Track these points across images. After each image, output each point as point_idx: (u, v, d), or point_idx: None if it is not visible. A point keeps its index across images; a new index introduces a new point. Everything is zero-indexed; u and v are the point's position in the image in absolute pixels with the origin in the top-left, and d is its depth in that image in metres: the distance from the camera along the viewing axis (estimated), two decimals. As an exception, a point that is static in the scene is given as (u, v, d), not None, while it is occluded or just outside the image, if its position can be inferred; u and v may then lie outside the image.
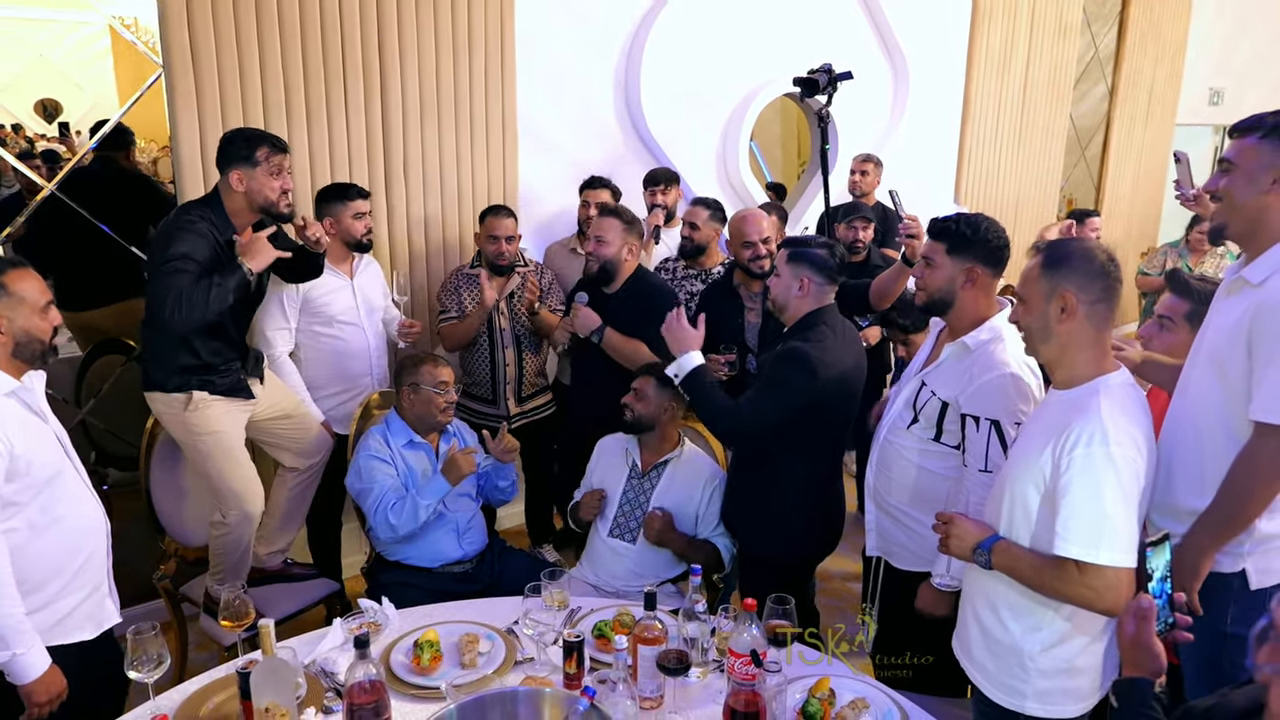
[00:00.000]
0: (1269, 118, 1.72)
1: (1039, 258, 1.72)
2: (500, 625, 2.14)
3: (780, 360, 2.38)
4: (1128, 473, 1.57)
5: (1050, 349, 1.71)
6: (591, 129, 4.16)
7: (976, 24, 5.58)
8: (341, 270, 3.15)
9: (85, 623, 2.05)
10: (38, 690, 1.89)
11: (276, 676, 1.66)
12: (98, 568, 2.09)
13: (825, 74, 3.58)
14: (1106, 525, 1.55)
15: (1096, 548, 1.55)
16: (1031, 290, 1.71)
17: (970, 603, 1.86)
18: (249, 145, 2.53)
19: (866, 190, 4.60)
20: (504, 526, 4.07)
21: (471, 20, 3.60)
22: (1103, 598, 1.57)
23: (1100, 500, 1.56)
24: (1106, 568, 1.55)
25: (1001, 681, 1.78)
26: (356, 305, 3.15)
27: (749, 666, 1.72)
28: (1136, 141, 7.09)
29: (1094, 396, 1.62)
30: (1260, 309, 1.68)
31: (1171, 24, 6.99)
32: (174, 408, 2.62)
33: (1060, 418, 1.64)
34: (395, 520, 2.61)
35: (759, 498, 2.53)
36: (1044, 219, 6.35)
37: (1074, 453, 1.58)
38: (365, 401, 3.06)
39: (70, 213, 3.10)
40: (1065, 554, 1.58)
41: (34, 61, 3.18)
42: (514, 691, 1.76)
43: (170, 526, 2.85)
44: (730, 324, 3.17)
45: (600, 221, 3.11)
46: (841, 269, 2.48)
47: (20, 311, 1.90)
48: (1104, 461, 1.56)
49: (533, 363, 3.53)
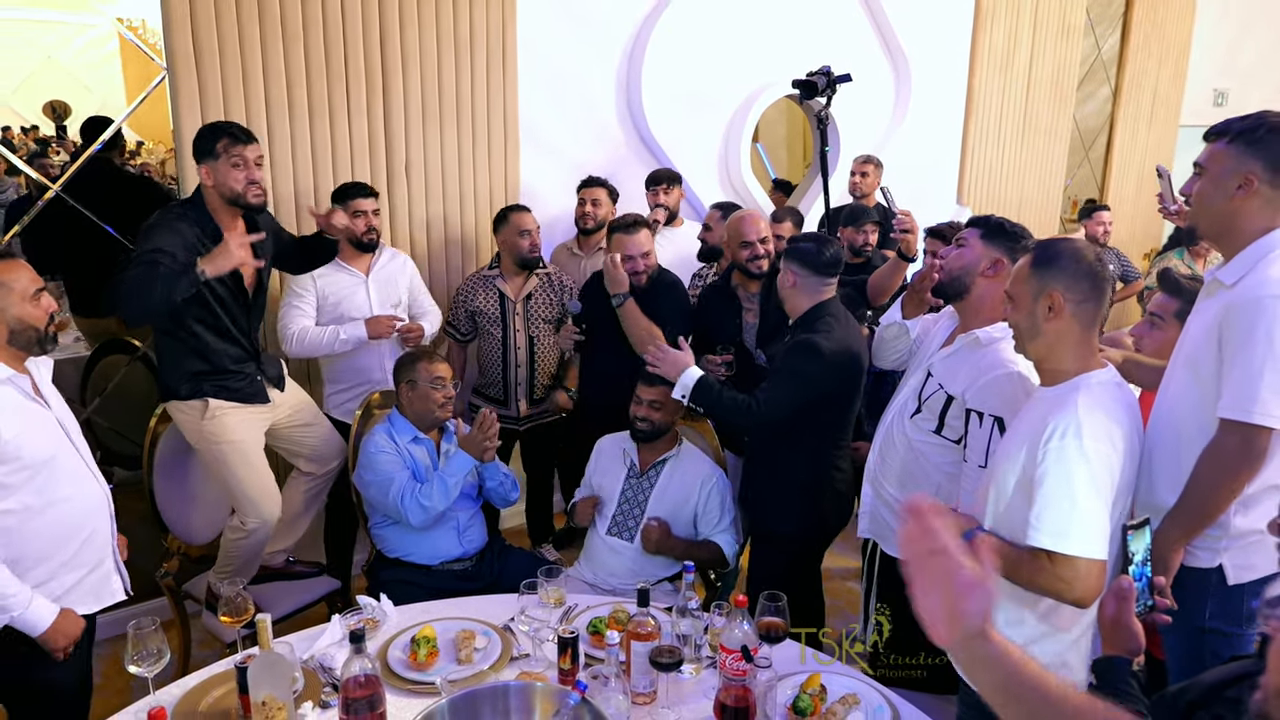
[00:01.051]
0: (1237, 122, 1.74)
1: (1029, 256, 1.74)
2: (497, 622, 2.16)
3: (791, 352, 2.47)
4: (1100, 466, 1.59)
5: (1037, 347, 1.73)
6: (593, 131, 4.18)
7: (979, 25, 5.57)
8: (356, 268, 3.18)
9: (87, 597, 2.10)
10: (54, 637, 1.98)
11: (273, 670, 1.68)
12: (101, 546, 2.13)
13: (824, 76, 3.59)
14: (1077, 516, 1.58)
15: (1067, 538, 1.57)
16: (1020, 289, 1.73)
17: None
18: (211, 138, 2.54)
19: (867, 191, 4.61)
20: (505, 526, 4.09)
21: (473, 22, 3.62)
22: (1072, 588, 1.59)
23: (1072, 492, 1.58)
24: (1077, 558, 1.57)
25: None
26: (370, 303, 3.17)
27: (740, 662, 1.74)
28: (1140, 143, 7.07)
29: (1074, 393, 1.65)
30: (1230, 309, 1.71)
31: (1175, 25, 6.97)
32: (191, 416, 2.64)
33: (1041, 414, 1.67)
34: (427, 501, 2.62)
35: (770, 478, 2.62)
36: (1048, 220, 6.35)
37: (1048, 445, 1.60)
38: (366, 401, 3.09)
39: (74, 215, 3.13)
40: (1037, 544, 1.60)
41: (43, 63, 3.22)
42: (506, 686, 1.78)
43: (173, 525, 2.88)
44: (728, 325, 3.20)
45: (637, 238, 3.12)
46: (834, 264, 2.52)
47: (11, 300, 1.94)
48: (1076, 454, 1.58)
49: (546, 365, 3.55)
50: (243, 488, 2.70)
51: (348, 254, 3.17)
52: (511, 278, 3.44)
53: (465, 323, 3.48)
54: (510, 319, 3.42)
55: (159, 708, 1.63)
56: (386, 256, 3.29)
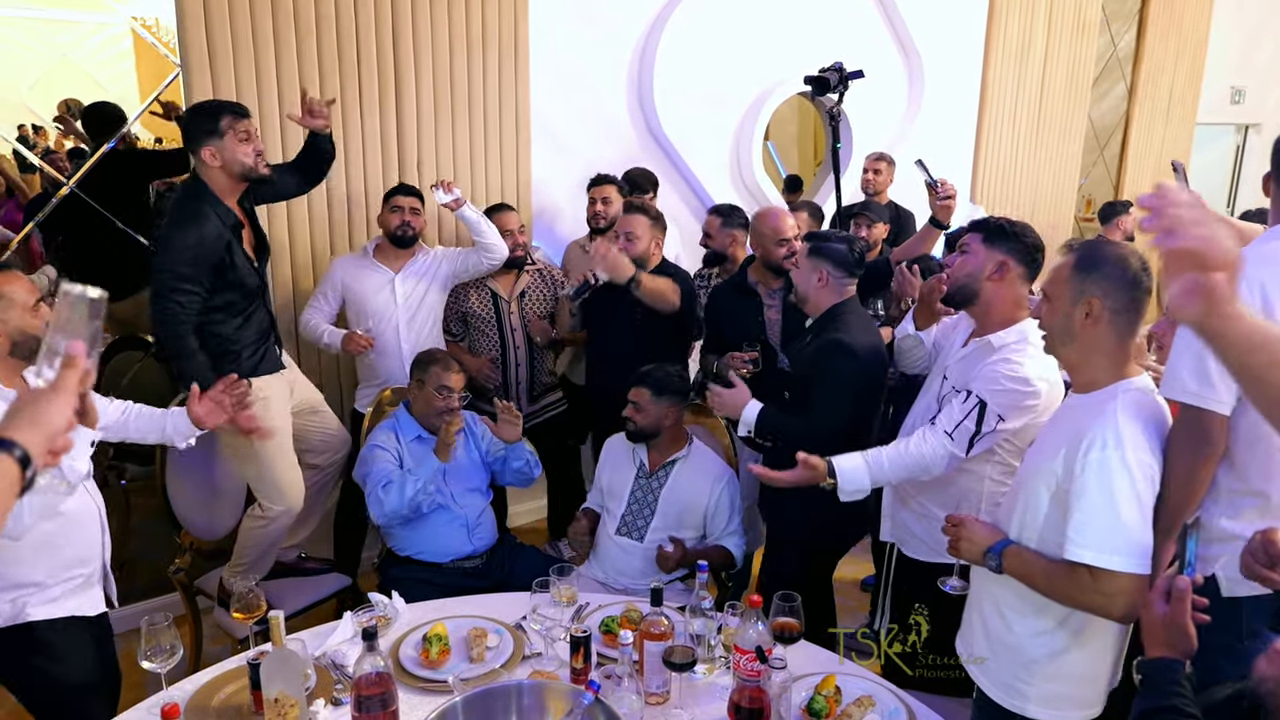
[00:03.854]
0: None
1: (1071, 258, 1.68)
2: (509, 620, 2.15)
3: (823, 357, 2.44)
4: (1143, 478, 1.54)
5: (1071, 352, 1.69)
6: (604, 128, 4.17)
7: (993, 21, 5.53)
8: (388, 266, 3.19)
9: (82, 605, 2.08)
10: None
11: (286, 667, 1.68)
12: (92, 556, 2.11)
13: (836, 73, 3.58)
14: (1120, 530, 1.53)
15: (1110, 553, 1.52)
16: (1058, 290, 1.67)
17: (977, 604, 1.86)
18: (212, 118, 2.53)
19: (880, 189, 4.58)
20: (515, 524, 4.09)
21: (485, 19, 3.61)
22: (1115, 604, 1.54)
23: (1114, 505, 1.53)
24: (1120, 573, 1.52)
25: (1003, 682, 1.77)
26: (395, 301, 3.17)
27: (754, 663, 1.72)
28: (1156, 141, 7.00)
29: (1111, 401, 1.59)
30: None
31: (1192, 22, 6.90)
32: None
33: (1076, 422, 1.62)
34: (384, 497, 2.64)
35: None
36: (1062, 219, 6.30)
37: (1088, 456, 1.55)
38: (378, 398, 3.09)
39: (85, 208, 3.15)
40: (1077, 559, 1.55)
41: (58, 62, 3.23)
42: (519, 685, 1.77)
43: (186, 520, 2.89)
44: (749, 322, 3.15)
45: (628, 219, 3.15)
46: (862, 263, 2.54)
47: (12, 311, 1.94)
48: (1119, 465, 1.53)
49: (544, 361, 3.55)
50: (273, 474, 2.72)
51: (384, 251, 3.20)
52: (501, 276, 3.42)
53: (457, 324, 3.47)
54: (505, 318, 3.41)
55: (172, 704, 1.63)
56: (422, 257, 3.27)
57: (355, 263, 3.21)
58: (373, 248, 3.24)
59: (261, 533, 2.76)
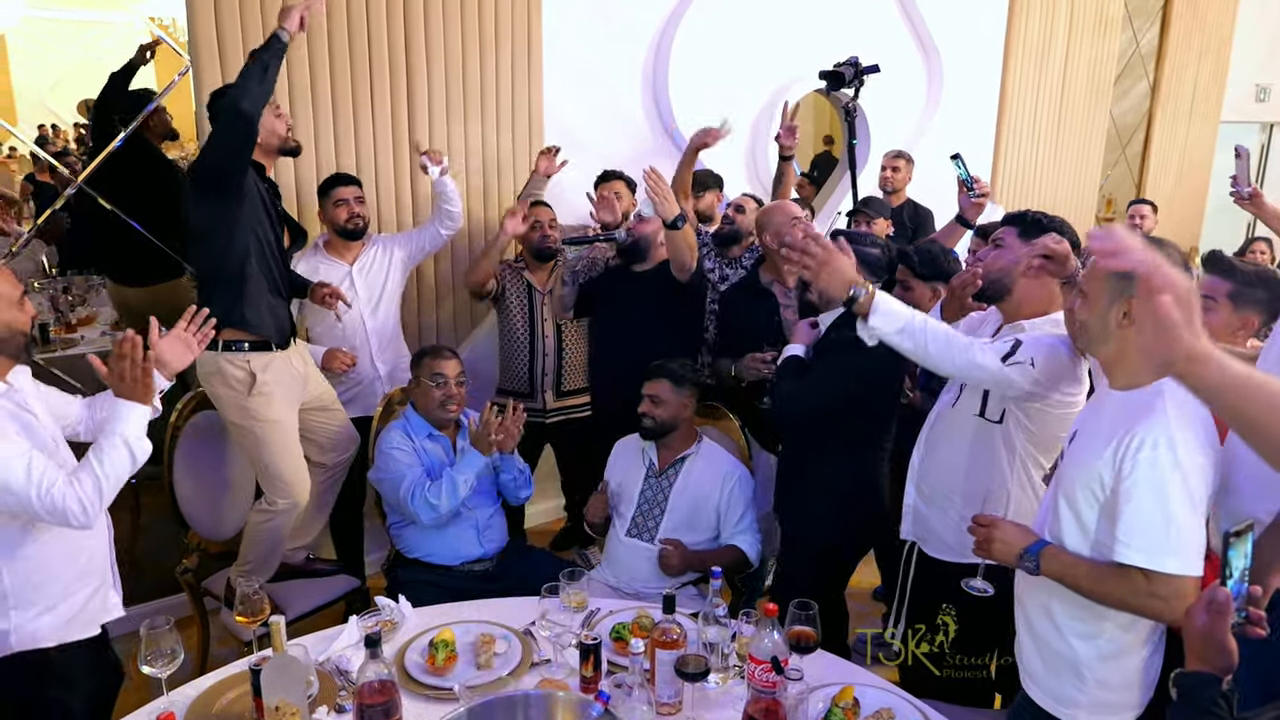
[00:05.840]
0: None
1: None
2: (517, 626, 2.11)
3: (834, 346, 2.41)
4: (1195, 478, 1.49)
5: (1108, 351, 1.62)
6: (619, 125, 4.13)
7: (1013, 17, 5.46)
8: (340, 259, 3.15)
9: (90, 623, 2.01)
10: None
11: (287, 674, 1.64)
12: (101, 565, 2.04)
13: (851, 67, 3.52)
14: (1174, 532, 1.47)
15: (1164, 555, 1.47)
16: (1096, 288, 1.59)
17: (1021, 608, 1.79)
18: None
19: (898, 186, 4.51)
20: (531, 525, 4.05)
21: (499, 16, 3.59)
22: (1172, 607, 1.48)
23: (1167, 506, 1.47)
24: (1175, 576, 1.47)
25: (1054, 690, 1.70)
26: (356, 293, 3.13)
27: (770, 674, 1.67)
28: (1179, 140, 6.89)
29: (1159, 398, 1.52)
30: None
31: (1216, 19, 6.79)
32: (238, 392, 2.64)
33: (1121, 420, 1.55)
34: (435, 500, 2.59)
35: (805, 483, 2.55)
36: (1082, 218, 6.20)
37: (1138, 456, 1.49)
38: (387, 397, 3.06)
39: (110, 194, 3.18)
40: (1129, 562, 1.50)
41: (78, 62, 3.24)
42: (526, 695, 1.73)
43: (194, 520, 2.86)
44: (766, 325, 3.08)
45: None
46: (890, 268, 2.53)
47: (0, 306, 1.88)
48: (1170, 466, 1.47)
49: (575, 357, 3.51)
50: (279, 467, 2.70)
51: (335, 245, 3.15)
52: (536, 270, 3.44)
53: (496, 289, 3.43)
54: (538, 310, 3.42)
55: (168, 712, 1.59)
56: (372, 246, 3.22)
57: (307, 261, 3.13)
58: (322, 242, 3.18)
59: (266, 527, 2.73)
